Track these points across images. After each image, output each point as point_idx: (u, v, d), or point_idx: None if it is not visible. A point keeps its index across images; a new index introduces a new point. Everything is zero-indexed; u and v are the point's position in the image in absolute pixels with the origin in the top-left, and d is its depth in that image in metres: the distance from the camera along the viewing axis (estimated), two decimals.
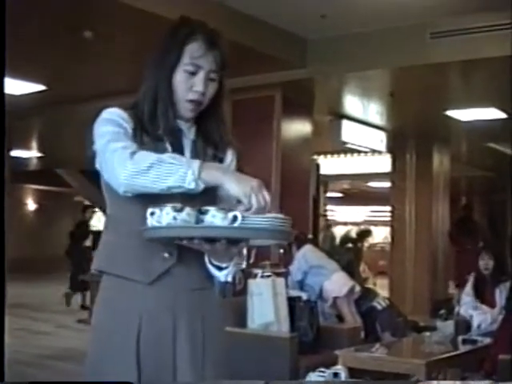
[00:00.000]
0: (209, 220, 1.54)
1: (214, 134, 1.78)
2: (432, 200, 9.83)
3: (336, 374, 3.71)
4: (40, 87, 7.11)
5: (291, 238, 1.64)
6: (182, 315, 1.68)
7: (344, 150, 10.84)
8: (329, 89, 7.40)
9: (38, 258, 16.04)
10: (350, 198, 19.83)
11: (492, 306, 5.01)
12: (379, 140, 9.23)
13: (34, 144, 11.23)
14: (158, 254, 1.68)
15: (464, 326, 4.75)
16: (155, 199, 1.58)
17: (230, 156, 1.82)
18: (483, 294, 5.11)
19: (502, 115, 7.76)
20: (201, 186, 1.54)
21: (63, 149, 11.37)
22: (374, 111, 8.36)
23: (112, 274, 1.71)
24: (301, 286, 5.60)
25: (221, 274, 1.70)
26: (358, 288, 5.72)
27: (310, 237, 6.61)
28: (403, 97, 7.64)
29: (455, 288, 8.61)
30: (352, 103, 8.01)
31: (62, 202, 17.70)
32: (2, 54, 1.78)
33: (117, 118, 1.68)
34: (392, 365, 3.96)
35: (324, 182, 12.98)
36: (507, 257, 5.94)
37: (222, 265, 1.69)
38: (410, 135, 9.85)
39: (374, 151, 10.05)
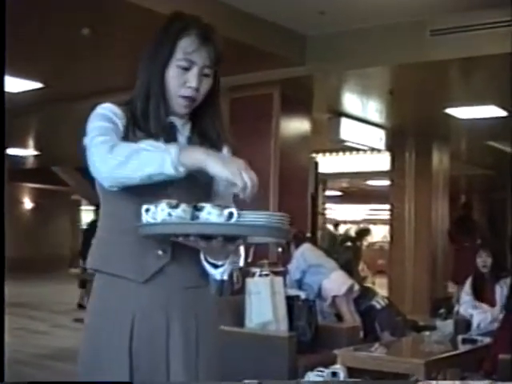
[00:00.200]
0: (204, 217, 1.52)
1: (209, 130, 1.76)
2: (431, 198, 9.82)
3: (335, 374, 3.71)
4: (37, 85, 7.10)
5: (288, 235, 1.62)
6: (175, 314, 1.67)
7: (343, 148, 10.84)
8: (328, 86, 7.39)
9: (35, 256, 16.03)
10: (348, 197, 19.82)
11: (492, 304, 5.00)
12: (378, 138, 9.21)
13: (31, 142, 11.21)
14: (151, 251, 1.66)
15: (464, 325, 4.74)
16: (149, 195, 1.56)
17: (226, 153, 1.80)
18: (482, 292, 5.09)
19: (502, 113, 7.75)
20: (181, 170, 1.50)
21: (60, 147, 11.34)
22: (373, 109, 8.34)
23: (106, 273, 1.69)
24: (299, 284, 5.59)
25: (216, 272, 1.69)
26: (356, 287, 5.71)
27: (309, 235, 6.59)
28: (403, 94, 7.63)
29: (454, 287, 8.58)
30: (351, 101, 7.99)
31: (59, 200, 17.67)
32: (1, 53, 1.75)
33: (108, 113, 1.66)
34: (391, 364, 3.96)
35: (323, 181, 12.96)
36: (507, 254, 5.91)
37: (218, 263, 1.67)
38: (410, 133, 9.84)
39: (373, 149, 10.04)
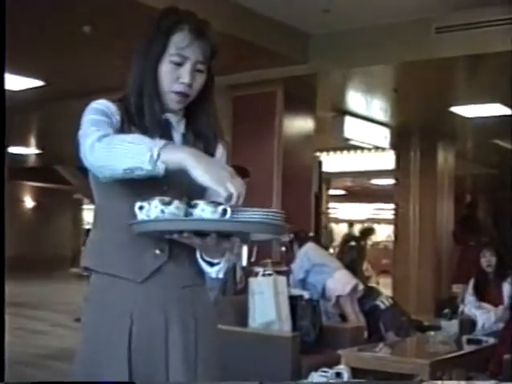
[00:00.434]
0: (198, 213, 1.52)
1: (203, 127, 1.75)
2: (436, 198, 9.77)
3: (338, 374, 3.70)
4: (38, 83, 7.08)
5: (283, 231, 1.61)
6: (174, 312, 1.66)
7: (347, 146, 10.80)
8: (331, 84, 7.36)
9: (36, 256, 16.01)
10: (352, 196, 19.80)
11: (497, 303, 4.96)
12: (383, 136, 9.18)
13: (33, 140, 11.21)
14: (149, 250, 1.65)
15: (468, 325, 4.72)
16: (145, 193, 1.56)
17: (220, 150, 1.79)
18: (487, 292, 5.06)
19: (507, 111, 7.69)
20: (159, 167, 1.46)
21: (62, 145, 11.29)
22: (377, 107, 8.31)
23: (103, 273, 1.67)
24: (303, 284, 5.56)
25: (212, 271, 1.69)
26: (361, 286, 5.69)
27: (312, 234, 6.56)
28: (407, 93, 7.60)
29: (459, 287, 8.54)
30: (355, 99, 7.96)
31: (61, 199, 17.63)
32: (2, 52, 1.73)
33: (102, 107, 1.65)
34: (396, 365, 3.94)
35: (326, 180, 12.92)
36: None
37: (214, 261, 1.67)
38: (415, 132, 9.80)
39: (377, 148, 10.00)
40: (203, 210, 1.51)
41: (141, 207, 1.54)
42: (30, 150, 11.92)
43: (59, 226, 17.28)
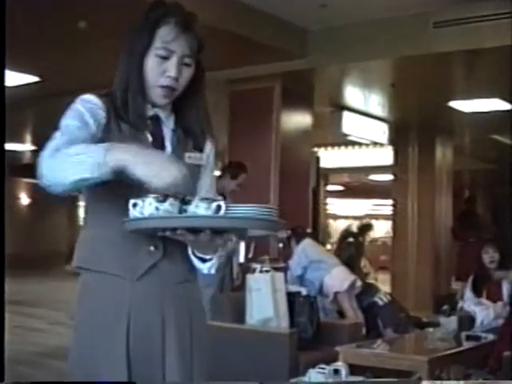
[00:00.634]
0: (192, 210, 1.52)
1: (192, 123, 1.74)
2: (435, 193, 9.75)
3: (336, 371, 3.66)
4: (34, 78, 7.03)
5: (278, 227, 1.62)
6: (170, 309, 1.67)
7: (345, 142, 10.77)
8: (329, 79, 7.34)
9: (32, 253, 15.93)
10: (350, 192, 19.78)
11: (496, 299, 4.94)
12: (381, 132, 9.15)
13: (28, 137, 11.16)
14: (143, 247, 1.65)
15: (467, 321, 4.69)
16: (136, 190, 1.53)
17: (208, 148, 1.79)
18: (486, 288, 5.04)
19: (506, 106, 7.66)
20: (106, 174, 1.47)
21: None
22: (375, 102, 8.29)
23: (97, 271, 1.66)
24: (301, 281, 5.55)
25: (204, 267, 1.70)
26: (359, 283, 5.67)
27: (309, 231, 6.54)
28: (405, 88, 7.58)
29: (458, 283, 8.52)
30: (353, 94, 7.94)
31: (56, 195, 17.50)
32: (2, 51, 1.72)
33: (82, 110, 1.62)
34: (394, 361, 3.93)
35: (324, 175, 12.90)
36: None
37: (206, 257, 1.68)
38: (412, 127, 9.78)
39: (375, 143, 9.97)
40: (197, 207, 1.51)
41: (134, 204, 1.53)
42: (26, 146, 11.87)
43: (55, 223, 17.21)
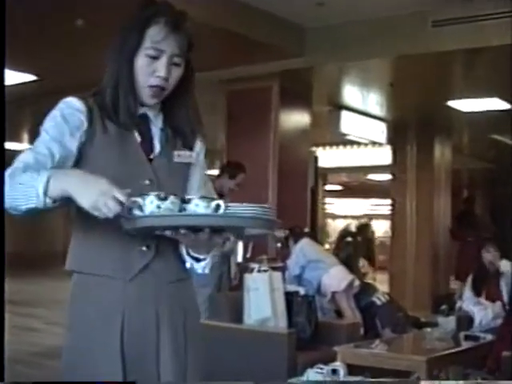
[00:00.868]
0: (192, 209, 1.53)
1: (181, 122, 1.74)
2: (433, 193, 9.73)
3: (334, 371, 3.66)
4: (31, 77, 7.01)
5: (275, 226, 1.63)
6: (164, 308, 1.67)
7: (343, 141, 10.75)
8: (327, 79, 7.32)
9: (31, 253, 15.90)
10: (349, 191, 19.76)
11: (495, 299, 4.92)
12: (379, 131, 9.13)
13: (25, 136, 11.13)
14: (135, 248, 1.64)
15: (466, 321, 4.67)
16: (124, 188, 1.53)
17: (198, 146, 1.79)
18: (487, 288, 5.02)
19: (505, 105, 7.65)
20: (48, 203, 1.49)
21: None
22: (373, 102, 8.27)
23: (90, 274, 1.66)
24: (299, 280, 5.53)
25: (199, 266, 1.70)
26: (357, 282, 5.65)
27: (307, 230, 6.52)
28: (404, 87, 7.57)
29: (457, 283, 8.51)
30: (351, 93, 7.93)
31: None
32: (2, 50, 1.71)
33: (59, 119, 1.64)
34: (392, 361, 3.92)
35: (323, 175, 12.88)
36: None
37: (201, 256, 1.69)
38: (411, 126, 9.76)
39: (373, 143, 9.95)
40: (197, 205, 1.52)
41: (134, 202, 1.52)
42: (23, 145, 11.83)
43: (52, 223, 17.18)
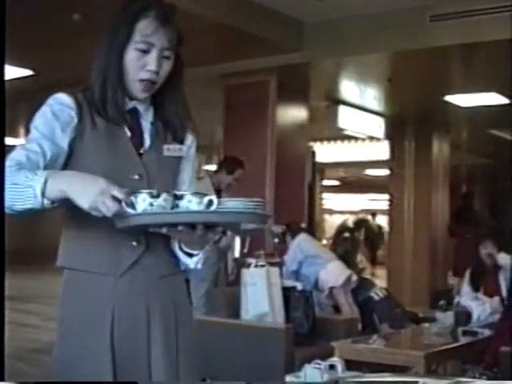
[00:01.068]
0: (184, 205, 1.53)
1: (171, 116, 1.73)
2: (431, 188, 9.72)
3: (332, 366, 3.64)
4: (27, 72, 6.99)
5: (268, 221, 1.66)
6: (154, 303, 1.67)
7: (341, 136, 10.73)
8: (325, 73, 7.30)
9: (28, 248, 15.88)
10: (347, 186, 19.75)
11: (493, 294, 4.91)
12: (377, 126, 9.10)
13: (22, 131, 11.11)
14: (125, 243, 1.64)
15: (464, 317, 4.66)
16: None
17: (189, 140, 1.78)
18: (485, 283, 5.01)
19: (504, 100, 7.63)
20: (46, 205, 1.47)
21: None
22: (371, 96, 8.24)
23: (80, 270, 1.66)
24: (296, 276, 5.53)
25: (191, 262, 1.71)
26: (354, 277, 5.64)
27: (304, 225, 6.51)
28: (402, 82, 7.55)
29: (455, 278, 8.49)
30: (349, 88, 7.90)
31: None
32: (1, 45, 1.73)
33: (50, 116, 1.63)
34: (390, 357, 3.89)
35: (320, 170, 12.85)
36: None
37: (194, 252, 1.69)
38: (409, 121, 9.75)
39: (371, 138, 9.93)
40: (190, 202, 1.51)
41: (128, 200, 1.51)
42: (20, 140, 11.81)
43: (49, 218, 17.14)
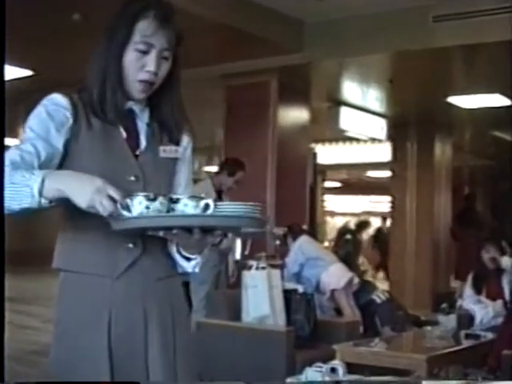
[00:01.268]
0: (180, 209, 1.53)
1: (167, 118, 1.73)
2: (434, 190, 9.69)
3: (333, 369, 3.63)
4: (27, 72, 6.97)
5: (264, 224, 1.69)
6: (151, 305, 1.67)
7: (342, 138, 10.70)
8: (326, 74, 7.28)
9: (27, 250, 15.87)
10: (348, 188, 19.71)
11: (496, 297, 4.88)
12: (379, 128, 9.07)
13: (21, 131, 11.10)
14: (121, 245, 1.64)
15: (467, 320, 4.63)
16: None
17: (185, 141, 1.78)
18: (487, 286, 4.98)
19: (506, 102, 7.59)
20: (44, 204, 1.47)
21: None
22: (373, 98, 8.22)
23: (77, 272, 1.66)
24: (297, 278, 5.50)
25: (189, 265, 1.71)
26: (356, 280, 5.61)
27: (305, 227, 6.48)
28: (404, 83, 7.53)
29: (457, 281, 8.45)
30: (351, 89, 7.87)
31: None
32: (2, 41, 1.69)
33: (44, 116, 1.62)
34: (392, 360, 3.87)
35: (322, 172, 12.83)
36: None
37: (192, 256, 1.70)
38: (411, 123, 9.71)
39: (373, 139, 9.90)
40: (186, 205, 1.52)
41: (124, 203, 1.50)
42: (19, 141, 11.81)
43: (49, 219, 17.13)
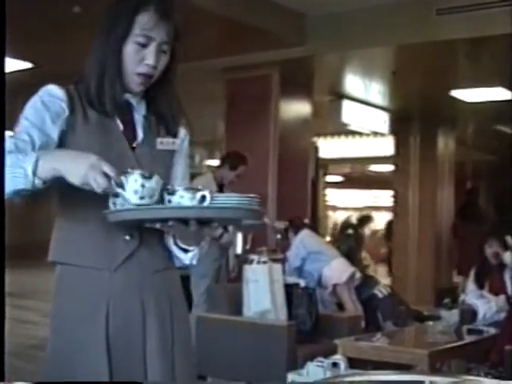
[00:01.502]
0: (177, 200, 1.52)
1: (164, 110, 1.74)
2: (436, 184, 9.67)
3: (335, 364, 3.65)
4: (27, 65, 6.96)
5: (261, 216, 1.66)
6: (149, 297, 1.67)
7: (345, 131, 10.67)
8: (329, 67, 7.25)
9: (26, 244, 15.87)
10: (350, 182, 19.69)
11: (499, 292, 4.85)
12: (382, 121, 9.03)
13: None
14: (118, 237, 1.64)
15: (469, 315, 4.61)
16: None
17: (182, 134, 1.78)
18: (490, 281, 4.95)
19: (510, 96, 7.55)
20: (38, 185, 1.47)
21: None
22: (376, 91, 8.17)
23: (73, 265, 1.65)
24: (299, 272, 5.49)
25: (186, 257, 1.71)
26: (358, 274, 5.60)
27: (307, 221, 6.45)
28: (407, 76, 7.49)
29: (460, 276, 8.43)
30: (353, 83, 7.83)
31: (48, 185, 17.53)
32: (2, 38, 1.70)
33: (40, 106, 1.60)
34: (394, 355, 3.85)
35: (324, 166, 12.79)
36: None
37: (189, 248, 1.70)
38: (414, 117, 9.69)
39: (376, 133, 9.86)
40: (182, 197, 1.51)
41: (117, 183, 1.47)
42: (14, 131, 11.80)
43: (47, 213, 17.12)
